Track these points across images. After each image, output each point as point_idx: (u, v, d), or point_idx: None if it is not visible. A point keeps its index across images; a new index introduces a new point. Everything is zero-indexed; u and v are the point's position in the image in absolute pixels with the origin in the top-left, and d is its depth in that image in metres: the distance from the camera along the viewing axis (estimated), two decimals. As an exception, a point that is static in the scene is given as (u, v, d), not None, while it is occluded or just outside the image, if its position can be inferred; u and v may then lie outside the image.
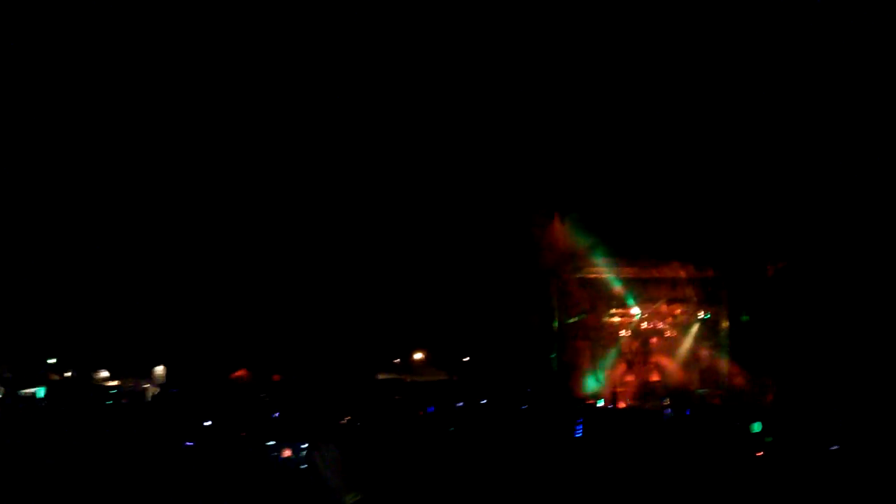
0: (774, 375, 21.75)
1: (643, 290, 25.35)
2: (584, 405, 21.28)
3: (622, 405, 23.05)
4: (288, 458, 12.45)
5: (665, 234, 23.56)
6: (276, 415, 16.83)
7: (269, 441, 12.80)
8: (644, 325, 25.33)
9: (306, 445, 12.27)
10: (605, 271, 24.93)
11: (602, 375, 24.57)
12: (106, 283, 25.30)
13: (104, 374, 25.29)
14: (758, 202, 22.89)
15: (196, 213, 25.46)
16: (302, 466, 12.15)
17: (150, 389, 24.45)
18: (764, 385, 21.77)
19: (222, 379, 24.00)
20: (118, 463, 11.63)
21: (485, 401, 18.90)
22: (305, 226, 25.33)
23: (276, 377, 24.30)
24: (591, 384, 24.47)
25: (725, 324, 24.61)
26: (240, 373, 24.74)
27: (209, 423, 15.13)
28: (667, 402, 22.41)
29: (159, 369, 25.41)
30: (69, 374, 25.16)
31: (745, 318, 24.25)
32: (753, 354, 23.08)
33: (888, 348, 20.35)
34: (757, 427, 14.96)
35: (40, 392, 22.45)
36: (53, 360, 25.22)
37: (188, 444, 13.14)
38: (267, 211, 25.42)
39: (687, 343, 24.97)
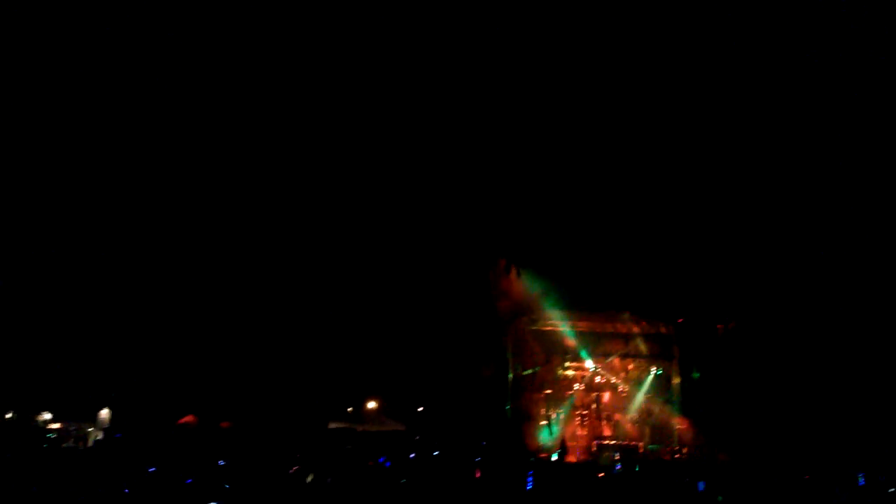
0: (725, 432, 21.93)
1: (597, 344, 25.50)
2: (536, 458, 21.19)
3: (573, 459, 23.00)
4: None
5: (618, 289, 23.79)
6: (222, 463, 16.45)
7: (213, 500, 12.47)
8: (597, 379, 25.38)
9: None
10: (559, 324, 25.05)
11: (555, 428, 24.52)
12: (50, 323, 24.74)
13: (46, 416, 24.60)
14: (709, 261, 23.25)
15: (145, 259, 25.09)
16: None
17: (94, 433, 23.83)
18: (714, 442, 21.94)
19: (169, 424, 23.46)
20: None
21: (438, 452, 18.73)
22: (258, 269, 25.11)
23: (225, 424, 23.82)
24: (544, 437, 24.41)
25: (677, 380, 24.81)
26: (187, 419, 24.21)
27: (153, 469, 14.73)
28: (617, 456, 22.43)
29: (104, 413, 24.79)
30: (9, 415, 24.43)
31: (695, 374, 24.47)
32: (704, 411, 23.27)
33: (837, 405, 20.67)
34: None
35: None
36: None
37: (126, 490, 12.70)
38: (220, 255, 25.16)
39: (639, 398, 25.06)
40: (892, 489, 15.19)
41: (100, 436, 23.37)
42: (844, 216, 21.73)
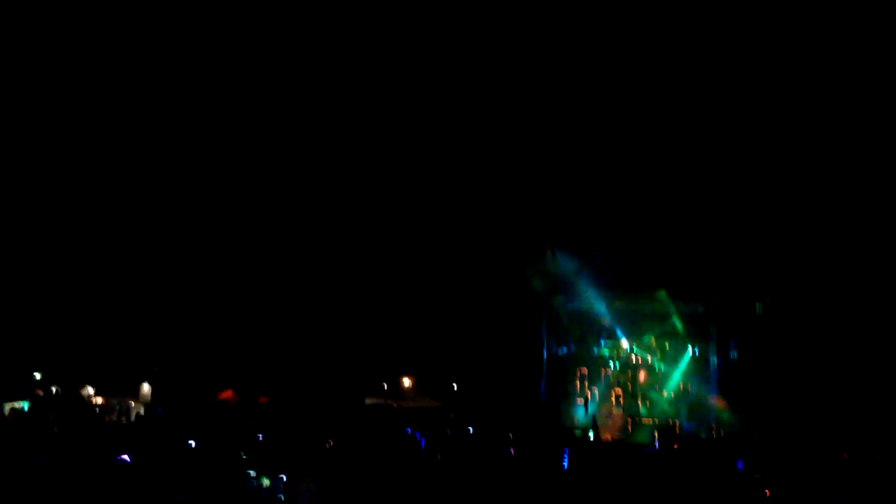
0: (762, 412, 21.80)
1: (633, 323, 25.38)
2: (570, 436, 21.24)
3: (609, 438, 22.99)
4: (265, 488, 12.36)
5: (654, 268, 23.67)
6: (261, 437, 16.70)
7: (247, 469, 12.68)
8: (633, 358, 25.29)
9: (284, 477, 12.23)
10: (595, 303, 24.98)
11: (591, 407, 24.53)
12: (94, 298, 25.17)
13: (90, 390, 25.07)
14: (747, 240, 23.02)
15: (185, 232, 25.39)
16: (279, 496, 12.13)
17: (136, 407, 24.21)
18: (752, 421, 21.81)
19: (209, 399, 23.82)
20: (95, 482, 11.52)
21: (473, 429, 18.84)
22: (297, 249, 25.30)
23: (264, 399, 24.13)
24: (578, 415, 24.44)
25: (714, 359, 24.64)
26: (226, 394, 24.56)
27: (193, 443, 14.99)
28: (654, 435, 22.39)
29: (145, 387, 25.21)
30: (54, 389, 24.94)
31: (733, 354, 24.28)
32: (742, 390, 23.12)
33: (874, 386, 20.44)
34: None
35: (24, 406, 22.23)
36: (39, 375, 25.02)
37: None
38: (257, 232, 25.39)
39: (675, 378, 24.94)
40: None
41: (141, 410, 23.75)
42: (885, 196, 21.39)
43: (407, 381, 26.59)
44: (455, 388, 25.72)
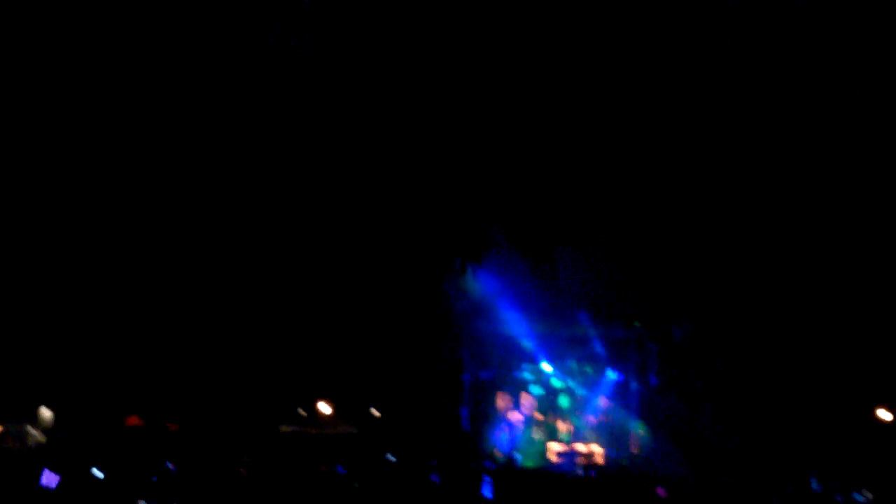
0: (683, 438, 21.96)
1: (554, 346, 25.32)
2: (493, 463, 21.02)
3: (531, 464, 22.85)
4: None
5: (575, 291, 23.76)
6: (170, 465, 15.98)
7: (144, 498, 12.04)
8: (554, 382, 25.21)
9: None
10: (517, 326, 24.86)
11: (512, 433, 24.32)
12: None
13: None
14: (669, 264, 23.28)
15: (97, 244, 24.38)
16: None
17: (35, 434, 23.10)
18: (673, 447, 21.94)
19: (114, 426, 22.82)
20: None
21: (393, 456, 18.45)
22: (210, 263, 24.54)
23: (173, 426, 23.21)
24: (500, 441, 24.19)
25: (635, 384, 24.75)
26: (132, 420, 23.54)
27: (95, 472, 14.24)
28: (576, 461, 22.34)
29: (46, 413, 24.00)
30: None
31: (653, 379, 24.47)
32: (662, 416, 23.28)
33: (795, 412, 20.78)
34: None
35: None
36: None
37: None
38: (169, 249, 24.57)
39: (596, 402, 24.94)
40: (842, 496, 15.28)
41: (41, 437, 22.70)
42: (806, 221, 21.90)
43: (325, 407, 25.94)
44: (375, 414, 25.24)
